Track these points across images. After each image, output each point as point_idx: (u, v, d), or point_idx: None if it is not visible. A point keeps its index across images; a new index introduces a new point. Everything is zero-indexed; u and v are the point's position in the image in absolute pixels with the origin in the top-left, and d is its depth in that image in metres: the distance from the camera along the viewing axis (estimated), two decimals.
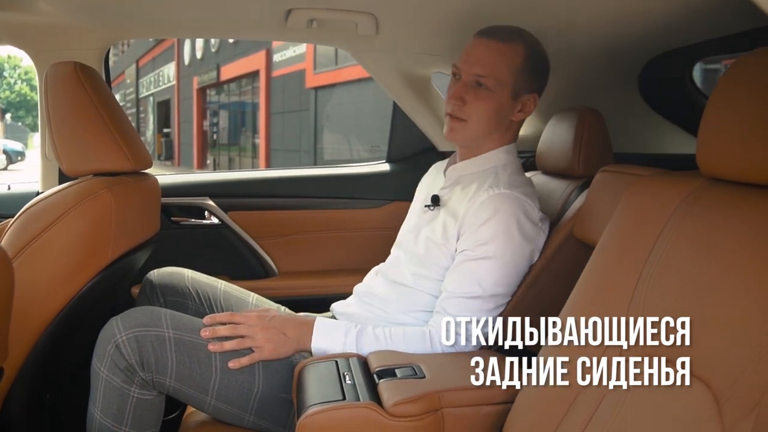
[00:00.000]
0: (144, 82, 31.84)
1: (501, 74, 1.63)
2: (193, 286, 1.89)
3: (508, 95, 1.65)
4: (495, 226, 1.57)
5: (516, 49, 1.64)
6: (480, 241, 1.57)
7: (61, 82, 1.68)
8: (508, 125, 1.71)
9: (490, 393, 1.30)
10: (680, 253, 1.05)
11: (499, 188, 1.61)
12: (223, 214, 2.45)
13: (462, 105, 1.64)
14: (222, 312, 1.85)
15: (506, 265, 1.58)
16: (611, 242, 1.21)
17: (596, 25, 1.79)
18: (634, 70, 2.08)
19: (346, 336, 1.54)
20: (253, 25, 2.23)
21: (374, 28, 2.05)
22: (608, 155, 1.86)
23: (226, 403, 1.52)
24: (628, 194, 1.22)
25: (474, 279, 1.57)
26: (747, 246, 0.93)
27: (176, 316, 1.55)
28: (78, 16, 1.95)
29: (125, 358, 1.47)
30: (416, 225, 1.77)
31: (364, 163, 2.78)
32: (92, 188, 1.63)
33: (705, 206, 1.06)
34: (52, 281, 1.58)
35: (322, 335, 1.55)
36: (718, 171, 1.05)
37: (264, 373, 1.53)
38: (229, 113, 24.78)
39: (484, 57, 1.63)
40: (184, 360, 1.49)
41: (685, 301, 1.00)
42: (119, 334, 1.47)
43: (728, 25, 1.60)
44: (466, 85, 1.64)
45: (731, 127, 1.00)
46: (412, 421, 1.24)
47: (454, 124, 1.67)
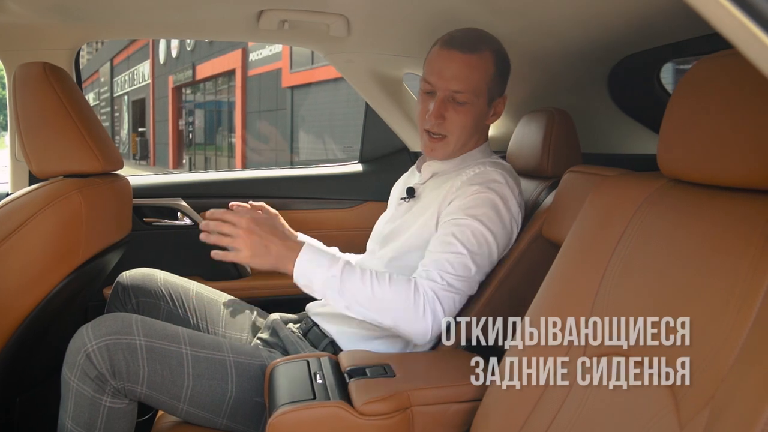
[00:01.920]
0: (118, 80, 31.56)
1: (478, 86, 1.64)
2: (166, 287, 1.88)
3: (485, 104, 1.67)
4: (483, 195, 1.59)
5: (487, 58, 1.64)
6: (467, 206, 1.58)
7: (30, 82, 1.67)
8: (482, 129, 1.74)
9: (459, 391, 1.31)
10: (643, 251, 1.07)
11: (485, 167, 1.65)
12: (196, 215, 2.44)
13: (442, 122, 1.65)
14: (195, 314, 1.86)
15: (489, 233, 1.58)
16: (576, 242, 1.23)
17: (566, 27, 1.80)
18: (603, 72, 2.10)
19: (329, 268, 1.49)
20: (225, 26, 2.22)
21: (346, 29, 2.06)
22: (577, 155, 1.88)
23: (198, 408, 1.51)
24: (593, 194, 1.24)
25: (458, 236, 1.56)
26: (708, 244, 0.95)
27: (147, 322, 1.52)
28: (47, 16, 1.94)
29: (96, 368, 1.44)
30: (392, 217, 1.81)
31: (337, 164, 2.79)
32: (62, 190, 1.62)
33: (668, 205, 1.08)
34: (21, 283, 1.56)
35: (307, 261, 1.49)
36: (678, 173, 1.07)
37: (237, 379, 1.52)
38: (204, 112, 24.66)
39: (459, 71, 1.62)
40: (155, 368, 1.47)
41: (648, 299, 1.01)
42: (89, 343, 1.44)
43: (696, 27, 1.62)
44: (444, 101, 1.64)
45: (690, 130, 1.02)
46: (382, 419, 1.25)
47: (434, 144, 1.69)
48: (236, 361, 1.54)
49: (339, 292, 1.48)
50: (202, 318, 1.87)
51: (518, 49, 1.98)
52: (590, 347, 1.09)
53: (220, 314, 1.89)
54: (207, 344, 1.54)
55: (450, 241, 1.55)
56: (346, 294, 1.48)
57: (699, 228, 0.99)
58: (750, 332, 0.82)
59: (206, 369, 1.51)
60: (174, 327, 1.55)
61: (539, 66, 2.13)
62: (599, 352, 1.07)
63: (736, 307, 0.85)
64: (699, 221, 1.00)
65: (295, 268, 1.48)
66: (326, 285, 1.48)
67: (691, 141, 1.02)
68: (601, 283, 1.12)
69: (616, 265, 1.10)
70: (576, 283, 1.17)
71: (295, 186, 2.11)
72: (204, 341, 1.55)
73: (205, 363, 1.51)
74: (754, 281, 0.84)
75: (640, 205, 1.12)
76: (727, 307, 0.86)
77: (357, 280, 1.48)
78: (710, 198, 1.00)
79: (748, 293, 0.84)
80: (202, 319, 1.87)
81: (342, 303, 1.48)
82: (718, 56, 1.00)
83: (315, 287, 1.49)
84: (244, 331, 1.88)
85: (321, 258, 1.50)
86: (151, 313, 1.84)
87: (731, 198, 0.97)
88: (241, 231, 1.46)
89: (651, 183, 1.14)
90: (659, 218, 1.08)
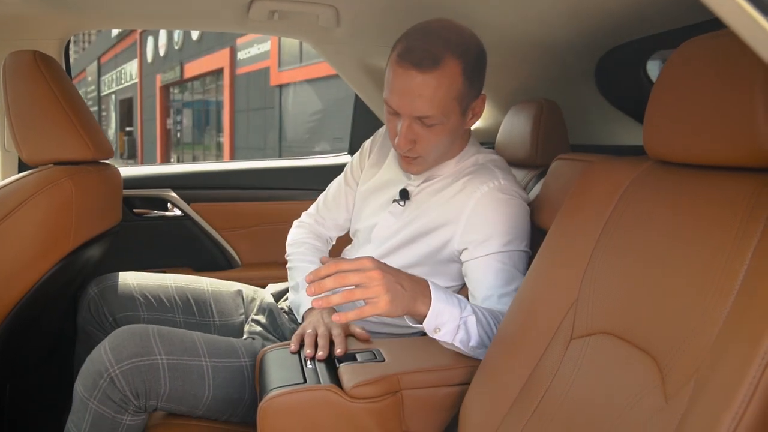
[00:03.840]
0: (106, 79, 31.46)
1: (445, 105, 1.45)
2: (141, 292, 1.85)
3: (458, 116, 1.50)
4: (514, 212, 1.53)
5: (450, 69, 1.42)
6: (505, 231, 1.51)
7: (20, 70, 1.67)
8: (461, 134, 1.63)
9: (448, 375, 1.33)
10: (629, 230, 1.09)
11: (498, 181, 1.55)
12: (186, 206, 2.45)
13: (413, 146, 1.51)
14: (180, 313, 1.84)
15: (527, 246, 1.54)
16: (563, 225, 1.25)
17: (553, 18, 1.81)
18: (590, 63, 2.12)
19: (463, 309, 1.30)
20: (215, 16, 2.23)
21: (335, 20, 2.07)
22: (565, 145, 1.90)
23: (213, 412, 1.51)
24: (580, 179, 1.26)
25: (516, 265, 1.50)
26: (693, 220, 0.97)
27: (164, 335, 1.48)
28: (37, 5, 1.94)
29: (120, 391, 1.41)
30: (386, 222, 1.70)
31: (326, 155, 2.80)
32: (53, 176, 1.62)
33: (653, 186, 1.10)
34: (12, 269, 1.56)
35: (443, 301, 1.28)
36: (663, 154, 1.09)
37: (252, 382, 1.51)
38: (193, 111, 24.63)
39: (421, 93, 1.42)
40: (177, 384, 1.45)
41: (634, 277, 1.03)
42: (112, 368, 1.40)
43: (682, 17, 1.64)
44: (411, 125, 1.48)
45: (675, 112, 1.04)
46: (372, 402, 1.26)
47: (410, 164, 1.58)
48: (251, 365, 1.53)
49: (467, 332, 1.31)
50: (188, 312, 1.87)
51: (507, 40, 2.00)
52: (577, 328, 1.11)
53: (207, 303, 1.89)
54: (223, 351, 1.53)
55: (513, 275, 1.48)
56: (472, 335, 1.32)
57: (684, 205, 1.01)
58: (732, 305, 0.83)
59: (225, 378, 1.50)
60: (190, 335, 1.53)
61: (527, 58, 2.15)
62: (586, 332, 1.09)
63: (720, 280, 0.87)
64: (684, 199, 1.01)
65: (431, 309, 1.26)
66: (458, 327, 1.30)
67: (676, 123, 1.03)
68: (588, 263, 1.13)
69: (603, 245, 1.12)
70: (563, 265, 1.19)
71: (284, 177, 2.12)
72: (220, 348, 1.53)
73: (224, 372, 1.50)
74: (737, 255, 0.86)
75: (626, 187, 1.14)
76: (711, 281, 0.88)
77: (482, 322, 1.33)
78: (695, 177, 1.02)
79: (731, 267, 0.86)
80: (189, 314, 1.87)
81: (471, 343, 1.32)
82: (701, 39, 1.02)
83: (446, 329, 1.29)
84: (236, 314, 1.88)
85: (450, 296, 1.31)
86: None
87: (715, 176, 0.98)
88: (374, 274, 1.18)
89: (637, 165, 1.16)
90: (645, 198, 1.10)
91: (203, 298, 1.89)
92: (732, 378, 0.77)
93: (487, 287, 1.47)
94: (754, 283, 0.83)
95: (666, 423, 0.85)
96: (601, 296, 1.09)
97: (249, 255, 2.51)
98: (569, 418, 1.04)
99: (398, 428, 1.30)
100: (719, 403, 0.77)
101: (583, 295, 1.12)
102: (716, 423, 0.76)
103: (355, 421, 1.21)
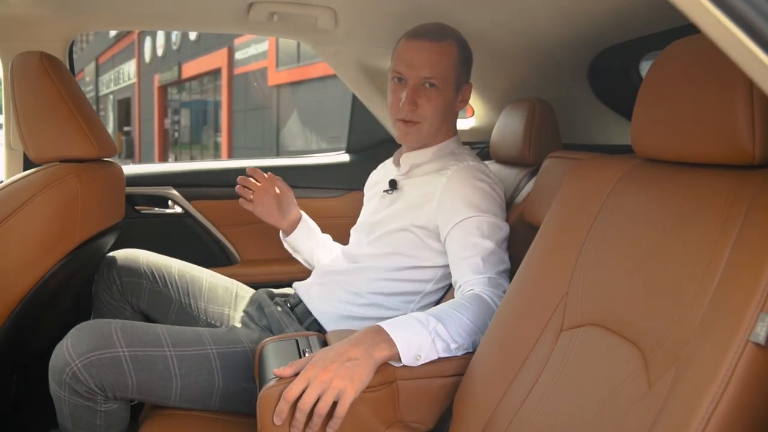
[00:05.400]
0: (104, 79, 31.36)
1: (446, 72, 1.70)
2: (148, 266, 1.93)
3: (453, 89, 1.73)
4: (479, 186, 1.65)
5: (451, 46, 1.71)
6: (470, 202, 1.61)
7: (27, 71, 1.71)
8: (452, 117, 1.80)
9: (442, 366, 1.34)
10: (618, 226, 1.13)
11: (467, 162, 1.71)
12: (186, 203, 2.48)
13: (415, 109, 1.70)
14: (177, 289, 1.92)
15: (498, 220, 1.62)
16: (554, 221, 1.29)
17: (547, 19, 1.84)
18: (583, 63, 2.15)
19: (425, 324, 1.32)
20: (215, 17, 2.26)
21: (333, 21, 2.11)
22: (557, 144, 1.94)
23: (189, 402, 1.55)
24: (569, 176, 1.30)
25: (484, 233, 1.58)
26: (678, 215, 1.01)
27: (127, 328, 1.52)
28: (42, 6, 1.97)
29: (84, 384, 1.45)
30: (376, 208, 1.85)
31: (324, 154, 2.83)
32: (59, 174, 1.65)
33: (640, 182, 1.14)
34: (18, 264, 1.59)
35: (401, 328, 1.30)
36: (651, 152, 1.12)
37: (222, 370, 1.55)
38: (190, 111, 24.55)
39: (429, 59, 1.68)
40: (143, 376, 1.48)
41: (621, 270, 1.07)
42: (73, 363, 1.44)
43: (675, 18, 1.66)
44: (416, 88, 1.70)
45: (661, 111, 1.07)
46: (368, 392, 1.26)
47: (408, 128, 1.73)
48: (219, 352, 1.57)
49: (443, 340, 1.33)
50: (184, 293, 1.93)
51: (501, 41, 2.04)
52: (567, 320, 1.15)
53: (202, 289, 1.95)
54: (188, 340, 1.56)
55: (476, 242, 1.57)
56: (449, 340, 1.33)
57: (670, 201, 1.05)
58: (713, 295, 0.87)
59: (192, 366, 1.53)
60: (153, 328, 1.57)
61: (521, 58, 2.18)
62: (576, 324, 1.12)
63: (702, 271, 0.90)
64: (670, 195, 1.05)
65: (398, 343, 1.27)
66: (433, 341, 1.31)
67: (662, 122, 1.07)
68: (578, 258, 1.17)
69: (592, 240, 1.16)
70: (554, 260, 1.22)
71: (283, 175, 2.15)
72: (185, 338, 1.57)
73: (190, 360, 1.53)
74: (718, 247, 0.90)
75: (614, 183, 1.18)
76: (694, 272, 0.92)
77: (451, 321, 1.35)
78: (681, 174, 1.06)
79: (713, 259, 0.90)
80: (185, 295, 1.93)
81: (452, 345, 1.34)
82: (687, 41, 1.05)
83: (425, 351, 1.31)
84: (225, 305, 1.93)
85: (405, 320, 1.33)
86: (135, 291, 1.90)
87: (699, 173, 1.02)
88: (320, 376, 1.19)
89: (625, 163, 1.20)
90: (633, 195, 1.13)
91: (199, 284, 1.96)
92: (711, 364, 0.81)
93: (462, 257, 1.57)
94: (734, 273, 0.86)
95: (649, 407, 0.89)
96: (590, 289, 1.13)
97: (248, 252, 2.54)
98: (556, 408, 1.07)
99: (393, 418, 1.31)
100: (699, 388, 0.81)
101: (573, 289, 1.16)
102: (695, 406, 0.80)
103: (351, 411, 1.22)
